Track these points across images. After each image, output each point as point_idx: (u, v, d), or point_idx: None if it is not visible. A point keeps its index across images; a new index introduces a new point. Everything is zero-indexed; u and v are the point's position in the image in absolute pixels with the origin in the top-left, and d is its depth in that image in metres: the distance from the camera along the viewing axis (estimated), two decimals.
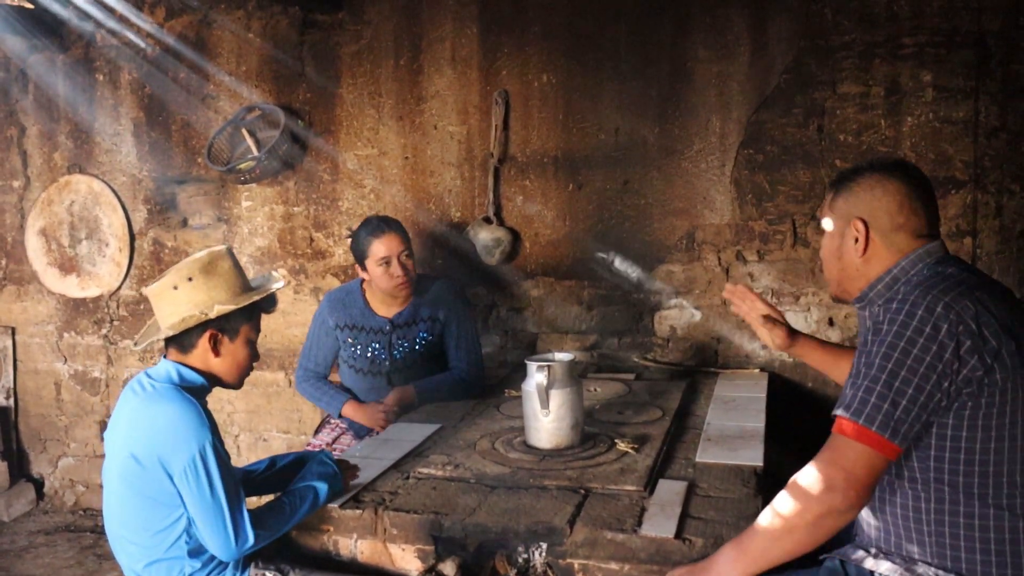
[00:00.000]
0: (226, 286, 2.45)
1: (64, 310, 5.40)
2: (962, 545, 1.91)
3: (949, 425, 1.90)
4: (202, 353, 2.45)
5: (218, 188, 5.00)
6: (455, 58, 4.51)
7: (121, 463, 2.34)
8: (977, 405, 1.88)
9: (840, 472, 1.89)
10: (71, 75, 5.21)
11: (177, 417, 2.28)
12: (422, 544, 2.37)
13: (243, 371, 2.53)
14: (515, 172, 4.47)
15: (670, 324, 4.33)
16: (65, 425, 5.48)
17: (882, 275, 2.12)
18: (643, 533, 2.22)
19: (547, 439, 2.81)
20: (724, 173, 4.17)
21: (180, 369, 2.43)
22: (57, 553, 4.74)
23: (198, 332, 2.42)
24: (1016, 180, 3.83)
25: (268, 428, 5.08)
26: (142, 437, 2.30)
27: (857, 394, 1.91)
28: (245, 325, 2.49)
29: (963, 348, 1.86)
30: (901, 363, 1.87)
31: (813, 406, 4.16)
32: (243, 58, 4.88)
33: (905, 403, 1.86)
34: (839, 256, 2.20)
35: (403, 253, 3.65)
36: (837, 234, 2.21)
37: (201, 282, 2.41)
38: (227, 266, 2.48)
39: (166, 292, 2.43)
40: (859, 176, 2.17)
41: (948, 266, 2.06)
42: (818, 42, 3.99)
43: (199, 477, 2.23)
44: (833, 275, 2.26)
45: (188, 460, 2.23)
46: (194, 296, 2.40)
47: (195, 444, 2.24)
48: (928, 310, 1.89)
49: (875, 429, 1.86)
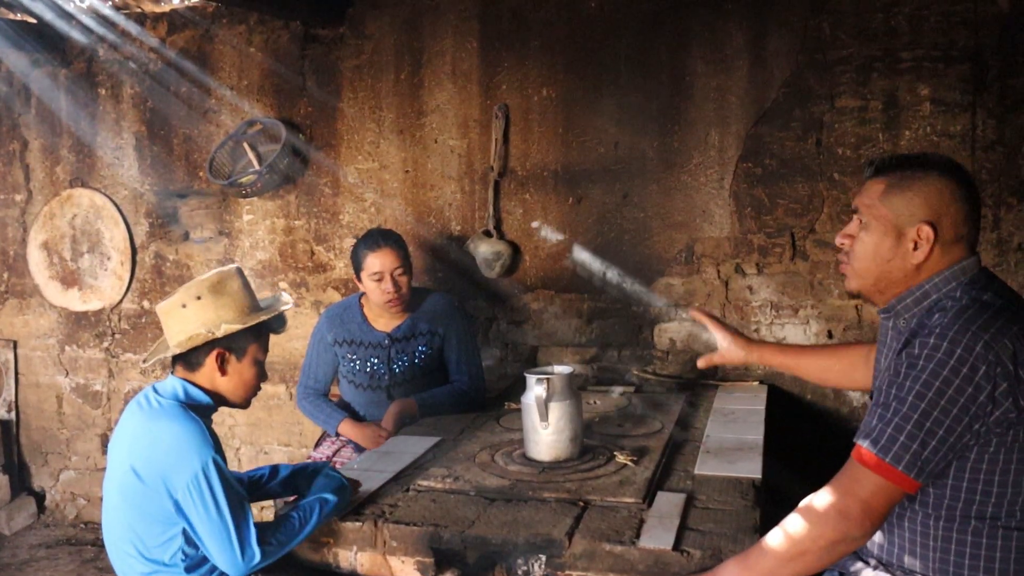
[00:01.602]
0: (234, 305, 2.46)
1: (66, 323, 5.41)
2: (966, 564, 1.91)
3: (970, 459, 1.88)
4: (209, 372, 2.45)
5: (220, 202, 5.02)
6: (455, 72, 4.53)
7: (121, 477, 2.34)
8: (1003, 442, 1.86)
9: (858, 503, 1.87)
10: (73, 89, 5.23)
11: (180, 436, 2.28)
12: (422, 556, 2.38)
13: (250, 391, 2.54)
14: (515, 186, 4.48)
15: (669, 337, 4.34)
16: (66, 438, 5.49)
17: (914, 288, 2.04)
18: (641, 545, 2.22)
19: (546, 451, 2.82)
20: (723, 186, 4.18)
21: (187, 387, 2.43)
22: (58, 567, 4.74)
23: (205, 351, 2.43)
24: (1013, 193, 3.84)
25: (269, 441, 5.08)
26: (144, 453, 2.31)
27: (886, 430, 1.86)
28: (253, 345, 2.50)
29: (999, 390, 1.81)
30: (935, 403, 1.82)
31: (812, 419, 4.16)
32: (244, 72, 4.91)
33: (935, 444, 1.83)
34: (888, 258, 2.04)
35: (397, 270, 3.63)
36: (890, 233, 2.03)
37: (209, 301, 2.43)
38: (236, 286, 2.49)
39: (175, 310, 2.44)
40: (923, 172, 2.01)
41: (985, 290, 1.97)
42: (816, 56, 4.01)
43: (203, 494, 2.23)
44: (870, 274, 2.08)
45: (191, 478, 2.23)
46: (202, 315, 2.42)
47: (198, 462, 2.24)
48: (967, 349, 1.82)
49: (901, 468, 1.83)
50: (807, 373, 2.73)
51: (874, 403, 1.96)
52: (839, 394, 4.12)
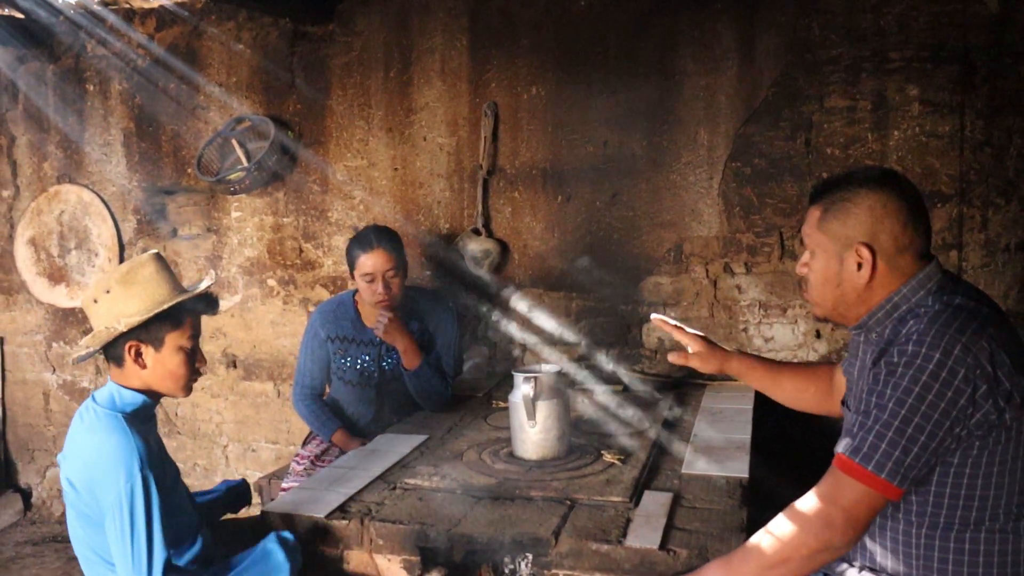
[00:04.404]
0: (144, 295, 2.35)
1: (53, 320, 5.39)
2: (950, 569, 1.91)
3: (953, 464, 1.88)
4: (132, 367, 2.37)
5: (208, 199, 5.00)
6: (445, 70, 4.53)
7: (67, 488, 2.33)
8: (984, 445, 1.86)
9: (840, 512, 1.87)
10: (61, 85, 5.21)
11: (107, 451, 2.23)
12: (408, 554, 2.38)
13: (180, 379, 2.42)
14: (504, 184, 4.48)
15: (658, 336, 4.34)
16: (53, 435, 5.47)
17: (882, 302, 2.03)
18: (628, 544, 2.23)
19: (533, 450, 2.82)
20: (712, 186, 4.19)
21: (120, 392, 2.38)
22: (44, 564, 4.72)
23: (121, 345, 2.35)
24: (1001, 194, 3.85)
25: (257, 438, 5.07)
26: (80, 466, 2.28)
27: (868, 438, 1.86)
28: (171, 333, 2.38)
29: (979, 392, 1.82)
30: (915, 409, 1.82)
31: (800, 419, 4.14)
32: (233, 69, 4.89)
33: (916, 450, 1.83)
34: (837, 282, 2.06)
35: (389, 272, 3.58)
36: (833, 258, 2.06)
37: (118, 293, 2.34)
38: (148, 273, 2.38)
39: (89, 306, 2.38)
40: (852, 193, 2.02)
41: (954, 295, 1.97)
42: (806, 56, 4.02)
43: (122, 516, 2.17)
44: (827, 300, 2.11)
45: (115, 498, 2.18)
46: (112, 308, 2.34)
47: (121, 482, 2.18)
48: (945, 352, 1.83)
49: (884, 476, 1.84)
50: (781, 395, 2.68)
51: (853, 411, 1.98)
52: None
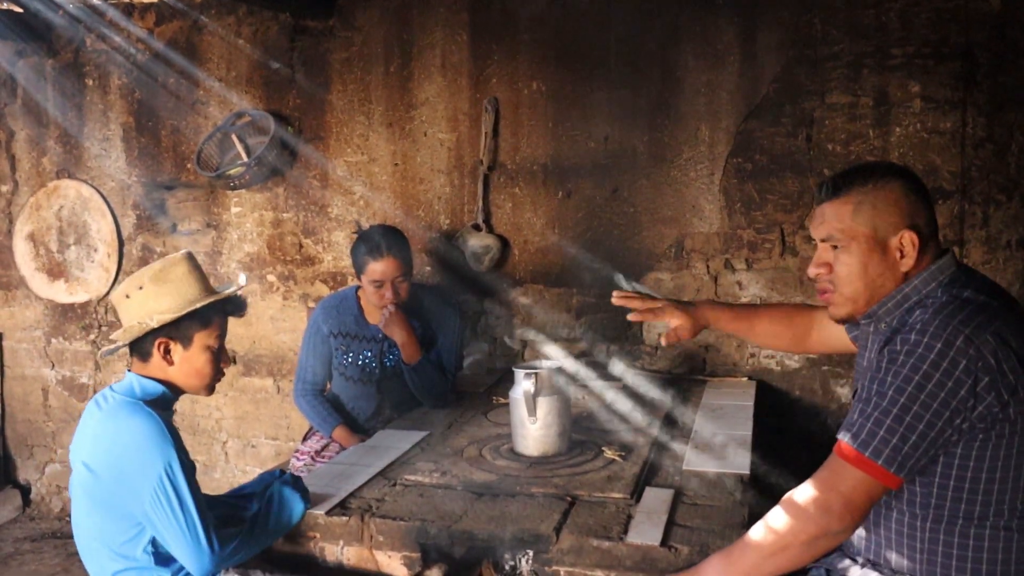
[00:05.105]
0: (176, 293, 2.39)
1: (52, 316, 5.38)
2: (954, 564, 1.90)
3: (957, 455, 1.87)
4: (158, 362, 2.41)
5: (207, 194, 4.99)
6: (445, 65, 4.51)
7: (85, 477, 2.31)
8: (988, 438, 1.85)
9: (839, 497, 1.87)
10: (60, 80, 5.20)
11: (139, 434, 2.25)
12: (408, 551, 2.37)
13: (205, 379, 2.47)
14: (504, 179, 4.47)
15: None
16: (52, 431, 5.46)
17: (893, 292, 2.02)
18: (629, 541, 2.22)
19: (534, 446, 2.81)
20: (713, 182, 4.18)
21: (141, 381, 2.40)
22: (43, 560, 4.72)
23: (150, 341, 2.39)
24: (1002, 191, 3.85)
25: (256, 434, 5.06)
26: (105, 452, 2.28)
27: (866, 424, 1.86)
28: (200, 332, 2.42)
29: (980, 385, 1.80)
30: (914, 398, 1.82)
31: (801, 414, 4.16)
32: (233, 64, 4.88)
33: (915, 439, 1.83)
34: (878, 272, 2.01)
35: (397, 279, 3.57)
36: (874, 249, 2.00)
37: (151, 290, 2.38)
38: (180, 272, 2.43)
39: (121, 301, 2.42)
40: (885, 182, 2.01)
41: (965, 288, 1.95)
42: (807, 52, 4.01)
43: (168, 496, 2.19)
44: (861, 296, 2.05)
45: (156, 480, 2.20)
46: (145, 305, 2.37)
47: (160, 462, 2.21)
48: (947, 343, 1.82)
49: (881, 463, 1.83)
50: (759, 339, 2.77)
51: (856, 399, 1.97)
52: (827, 390, 4.13)
